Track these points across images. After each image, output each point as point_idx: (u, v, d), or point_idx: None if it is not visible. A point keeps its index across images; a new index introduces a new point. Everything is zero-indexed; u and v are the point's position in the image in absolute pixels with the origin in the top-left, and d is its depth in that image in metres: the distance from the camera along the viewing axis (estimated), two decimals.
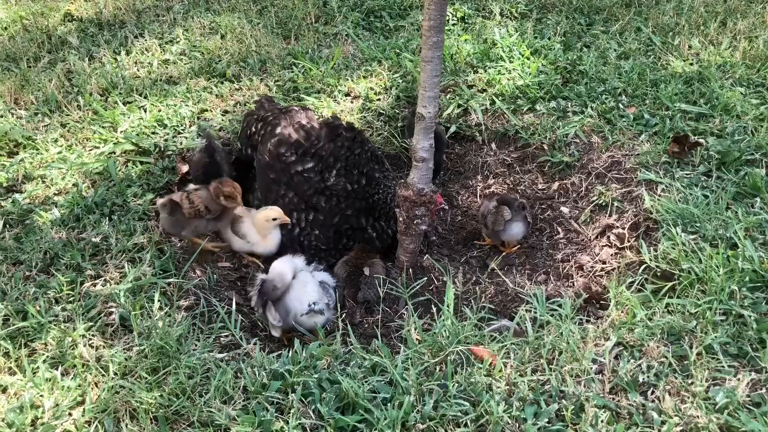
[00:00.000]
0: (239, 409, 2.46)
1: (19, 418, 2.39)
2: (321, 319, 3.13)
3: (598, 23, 5.60)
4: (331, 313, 3.18)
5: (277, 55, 5.22)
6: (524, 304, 3.11)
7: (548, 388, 2.51)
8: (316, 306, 3.09)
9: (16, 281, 3.09)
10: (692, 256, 3.04)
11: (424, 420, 2.37)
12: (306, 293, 3.13)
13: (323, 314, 3.11)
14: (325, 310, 3.11)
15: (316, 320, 3.12)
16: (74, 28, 5.82)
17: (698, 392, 2.40)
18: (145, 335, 2.79)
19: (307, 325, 3.11)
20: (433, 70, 3.24)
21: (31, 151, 4.12)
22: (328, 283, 3.28)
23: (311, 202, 3.67)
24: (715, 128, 3.99)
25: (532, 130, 4.35)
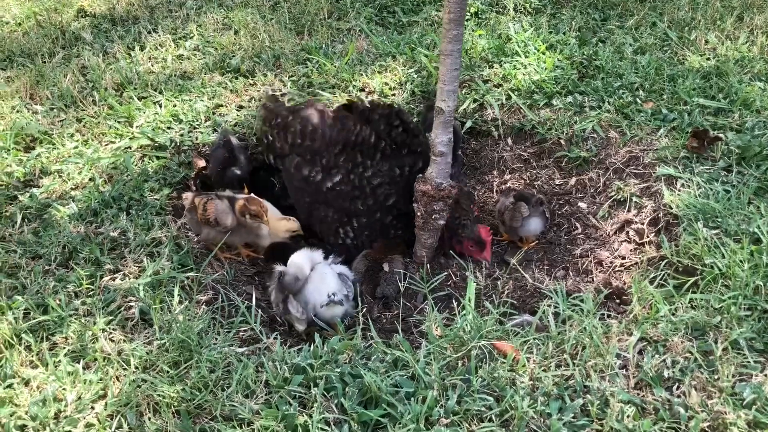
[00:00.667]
0: (261, 403, 2.45)
1: (42, 411, 2.39)
2: (340, 310, 3.12)
3: (612, 18, 5.56)
4: (351, 306, 3.17)
5: (291, 50, 5.21)
6: (544, 299, 3.09)
7: (572, 383, 2.49)
8: (335, 296, 3.08)
9: (35, 275, 3.09)
10: (715, 251, 3.01)
11: (448, 414, 2.36)
12: (325, 284, 3.13)
13: (342, 305, 3.11)
14: (344, 301, 3.10)
15: (335, 312, 3.11)
16: (87, 24, 5.83)
17: (725, 388, 2.38)
18: (165, 329, 2.79)
19: (326, 316, 3.11)
20: (453, 63, 3.22)
21: (47, 146, 4.12)
22: (346, 276, 3.28)
23: (351, 211, 3.66)
24: (734, 123, 3.95)
25: (549, 125, 4.33)
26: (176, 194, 3.88)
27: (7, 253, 3.22)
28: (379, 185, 3.64)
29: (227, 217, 3.46)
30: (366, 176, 3.63)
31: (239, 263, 3.60)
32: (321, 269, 3.22)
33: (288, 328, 3.23)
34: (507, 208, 3.69)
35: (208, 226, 3.47)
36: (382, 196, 3.65)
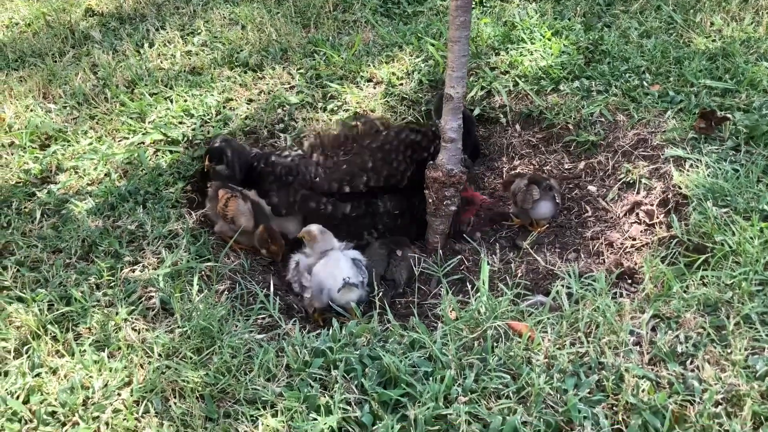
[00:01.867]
0: (283, 386, 2.51)
1: (71, 399, 2.46)
2: (356, 294, 3.18)
3: (617, 3, 5.56)
4: (365, 291, 3.23)
5: (298, 43, 5.25)
6: (556, 281, 3.13)
7: (587, 360, 2.53)
8: (350, 280, 3.14)
9: (57, 268, 3.16)
10: (725, 229, 3.04)
11: (466, 392, 2.41)
12: (339, 269, 3.18)
13: (358, 288, 3.16)
14: (359, 286, 3.16)
15: (350, 296, 3.17)
16: (96, 23, 5.89)
17: (738, 361, 2.42)
18: (186, 317, 2.85)
19: (342, 301, 3.16)
20: (461, 50, 3.26)
21: (62, 143, 4.18)
22: (360, 260, 3.33)
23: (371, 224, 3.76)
24: (741, 103, 3.97)
25: (557, 111, 4.36)
26: (190, 187, 3.94)
27: (29, 248, 3.29)
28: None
29: (244, 218, 3.52)
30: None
31: (255, 253, 3.66)
32: (334, 255, 3.28)
33: (305, 314, 3.29)
34: (520, 190, 3.73)
35: (223, 220, 3.52)
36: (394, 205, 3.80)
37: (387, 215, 3.72)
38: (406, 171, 3.74)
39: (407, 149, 3.75)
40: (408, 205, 3.79)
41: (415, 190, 3.72)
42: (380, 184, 3.71)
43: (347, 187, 3.67)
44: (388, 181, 3.72)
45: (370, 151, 3.75)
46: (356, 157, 3.77)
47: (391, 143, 3.76)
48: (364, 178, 3.68)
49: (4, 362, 2.67)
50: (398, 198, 3.76)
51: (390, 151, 3.74)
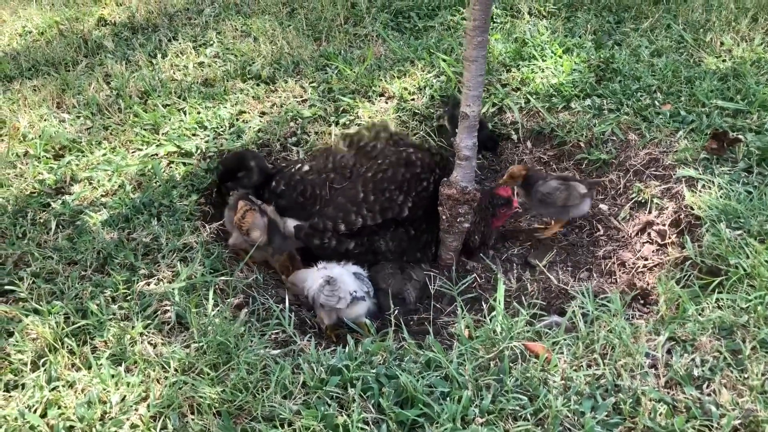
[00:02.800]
0: (300, 403, 2.51)
1: (88, 413, 2.46)
2: (363, 307, 3.19)
3: (627, 21, 5.60)
4: (372, 303, 3.24)
5: (310, 56, 5.28)
6: (569, 300, 3.15)
7: (603, 382, 2.54)
8: (357, 293, 3.16)
9: (72, 281, 3.17)
10: (739, 251, 3.06)
11: (483, 414, 2.41)
12: (344, 285, 3.19)
13: (365, 300, 3.18)
14: (366, 297, 3.18)
15: (359, 310, 3.18)
16: (108, 33, 5.91)
17: (755, 386, 2.43)
18: (202, 332, 2.85)
19: (351, 316, 3.17)
20: (478, 69, 3.27)
21: (76, 154, 4.20)
22: (361, 274, 3.34)
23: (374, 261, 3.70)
24: (753, 124, 4.00)
25: (568, 128, 4.38)
26: (204, 200, 3.95)
27: (45, 259, 3.30)
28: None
29: (258, 232, 3.51)
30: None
31: (268, 268, 3.67)
32: (336, 271, 3.28)
33: (318, 330, 3.29)
34: (558, 189, 3.72)
35: (239, 232, 3.54)
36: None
37: (389, 252, 3.68)
38: (404, 203, 3.63)
39: (404, 181, 3.64)
40: (409, 239, 3.71)
41: (419, 219, 3.70)
42: (377, 221, 3.60)
43: (342, 225, 3.59)
44: (384, 215, 3.61)
45: (364, 183, 3.66)
46: (350, 189, 3.69)
47: (385, 173, 3.67)
48: (359, 219, 3.58)
49: (20, 375, 2.68)
50: (399, 234, 3.69)
51: (384, 181, 3.65)
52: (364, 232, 3.60)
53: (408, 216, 3.62)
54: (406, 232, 3.69)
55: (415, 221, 3.68)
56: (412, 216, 3.64)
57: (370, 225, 3.58)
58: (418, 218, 3.67)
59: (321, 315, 3.19)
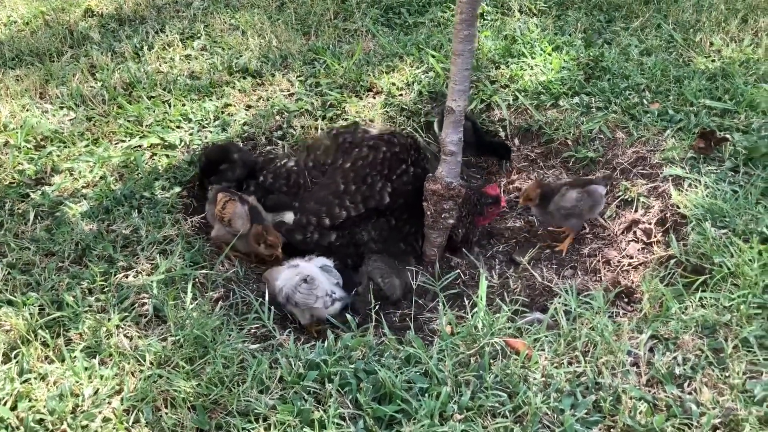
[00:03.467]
0: (277, 398, 2.47)
1: (59, 406, 2.41)
2: (338, 306, 3.16)
3: (617, 20, 5.58)
4: (343, 292, 3.21)
5: (298, 50, 5.23)
6: (553, 297, 3.12)
7: (584, 380, 2.52)
8: (335, 294, 3.14)
9: (49, 272, 3.11)
10: (724, 250, 3.04)
11: (462, 410, 2.38)
12: (321, 284, 3.15)
13: (341, 301, 3.16)
14: (337, 292, 3.16)
15: (333, 309, 3.15)
16: (95, 24, 5.84)
17: (736, 385, 2.41)
18: (179, 326, 2.81)
19: (324, 315, 3.14)
20: (464, 63, 3.25)
21: (58, 144, 4.14)
22: (328, 266, 3.31)
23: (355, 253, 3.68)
24: (740, 124, 3.99)
25: (556, 126, 4.36)
26: (186, 192, 3.90)
27: (21, 250, 3.24)
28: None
29: (240, 222, 3.47)
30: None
31: (249, 262, 3.62)
32: (311, 269, 3.21)
33: (299, 325, 3.25)
34: (581, 199, 3.61)
35: (221, 224, 3.49)
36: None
37: (372, 242, 3.64)
38: (383, 189, 3.60)
39: (384, 162, 3.64)
40: (390, 228, 3.69)
41: (400, 209, 3.67)
42: (360, 211, 3.57)
43: (327, 219, 3.56)
44: (367, 204, 3.58)
45: (343, 173, 3.65)
46: (331, 182, 3.67)
47: (365, 159, 3.66)
48: (343, 212, 3.56)
49: None
50: (381, 224, 3.66)
51: (364, 167, 3.63)
52: (346, 224, 3.56)
53: (389, 204, 3.60)
54: (388, 222, 3.66)
55: (396, 210, 3.65)
56: (393, 204, 3.62)
57: (354, 216, 3.54)
58: (400, 207, 3.65)
59: (294, 313, 3.14)
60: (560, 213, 3.64)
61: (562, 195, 3.63)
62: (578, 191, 3.62)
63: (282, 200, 3.74)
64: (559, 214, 3.65)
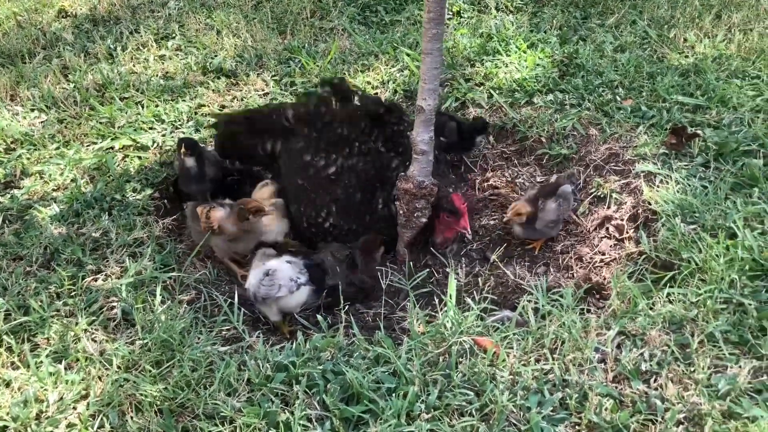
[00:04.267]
0: (244, 401, 2.46)
1: (23, 412, 2.39)
2: (304, 293, 3.15)
3: (593, 17, 5.60)
4: (307, 278, 3.19)
5: (273, 50, 5.21)
6: (525, 295, 3.12)
7: (551, 377, 2.52)
8: (299, 279, 3.12)
9: (16, 276, 3.08)
10: (692, 246, 3.05)
11: (429, 409, 2.38)
12: (283, 272, 3.13)
13: (306, 285, 3.15)
14: (302, 278, 3.14)
15: (299, 297, 3.14)
16: (69, 24, 5.79)
17: (701, 380, 2.42)
18: (147, 329, 2.79)
19: (292, 304, 3.13)
20: (433, 62, 3.24)
21: (28, 147, 4.10)
22: (293, 260, 3.25)
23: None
24: (712, 120, 4.01)
25: (530, 123, 4.37)
26: (158, 194, 3.88)
27: None
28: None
29: (230, 223, 3.41)
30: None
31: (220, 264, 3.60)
32: (273, 263, 3.19)
33: (273, 327, 3.24)
34: (560, 206, 3.64)
35: (214, 235, 3.42)
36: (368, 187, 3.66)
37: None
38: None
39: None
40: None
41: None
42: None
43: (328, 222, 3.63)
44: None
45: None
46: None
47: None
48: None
49: None
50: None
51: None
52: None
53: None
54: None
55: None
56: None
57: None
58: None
59: (264, 311, 3.13)
60: (544, 227, 3.65)
61: (543, 209, 3.61)
62: (554, 199, 3.62)
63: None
64: (542, 227, 3.65)
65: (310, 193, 3.64)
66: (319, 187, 3.63)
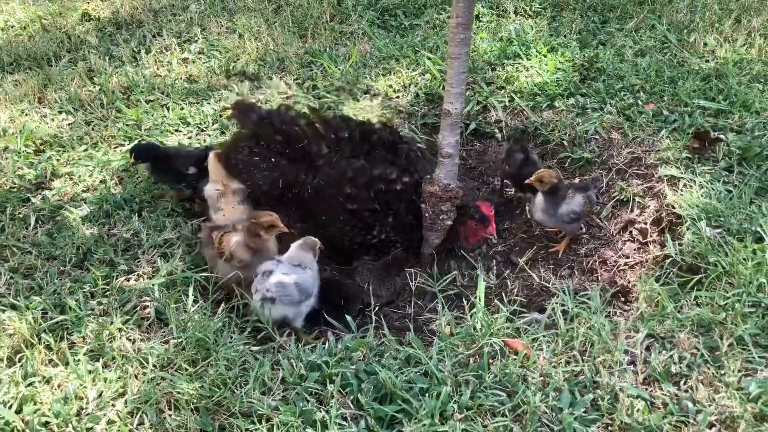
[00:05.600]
0: (279, 399, 2.50)
1: (64, 409, 2.44)
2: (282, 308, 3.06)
3: (612, 21, 5.62)
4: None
5: (295, 53, 5.26)
6: (551, 297, 3.15)
7: (582, 378, 2.55)
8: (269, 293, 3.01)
9: (51, 276, 3.14)
10: (718, 249, 3.07)
11: (462, 410, 2.41)
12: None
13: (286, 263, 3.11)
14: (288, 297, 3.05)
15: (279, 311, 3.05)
16: (92, 28, 5.86)
17: (731, 382, 2.45)
18: (181, 328, 2.83)
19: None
20: (460, 66, 3.28)
21: (57, 149, 4.17)
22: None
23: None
24: (734, 124, 4.03)
25: (552, 127, 4.40)
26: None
27: (23, 255, 3.27)
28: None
29: (241, 250, 3.23)
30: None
31: None
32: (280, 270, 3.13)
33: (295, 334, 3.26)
34: (584, 204, 3.58)
35: (226, 263, 3.23)
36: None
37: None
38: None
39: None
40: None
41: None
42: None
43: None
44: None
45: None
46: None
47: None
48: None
49: None
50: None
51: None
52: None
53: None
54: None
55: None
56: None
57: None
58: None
59: (275, 314, 3.03)
60: (565, 217, 3.58)
61: (571, 197, 3.57)
62: (583, 196, 3.59)
63: None
64: (563, 217, 3.58)
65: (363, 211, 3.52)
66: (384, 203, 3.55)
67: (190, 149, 3.94)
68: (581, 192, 3.60)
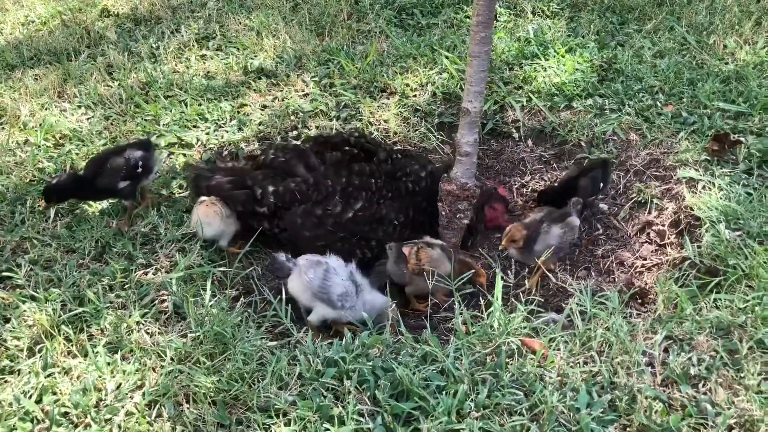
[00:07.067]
0: (296, 394, 2.51)
1: (83, 400, 2.46)
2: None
3: (630, 22, 5.59)
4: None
5: (312, 51, 5.27)
6: (568, 298, 3.14)
7: (600, 379, 2.54)
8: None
9: (70, 269, 3.17)
10: (738, 252, 3.05)
11: (479, 408, 2.41)
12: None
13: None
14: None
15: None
16: (111, 24, 5.90)
17: (751, 386, 2.43)
18: (199, 322, 2.85)
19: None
20: (480, 65, 3.28)
21: (76, 143, 4.20)
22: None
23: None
24: (754, 127, 4.00)
25: (570, 127, 4.38)
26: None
27: (43, 247, 3.30)
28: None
29: (440, 261, 3.32)
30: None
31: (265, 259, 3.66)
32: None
33: (328, 330, 3.28)
34: (564, 233, 3.51)
35: (418, 276, 3.33)
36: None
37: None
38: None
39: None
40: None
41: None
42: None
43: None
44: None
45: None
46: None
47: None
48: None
49: (17, 361, 2.68)
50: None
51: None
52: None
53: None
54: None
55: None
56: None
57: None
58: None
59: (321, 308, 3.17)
60: (544, 252, 3.43)
61: (546, 232, 3.48)
62: (560, 226, 3.50)
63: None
64: (541, 253, 3.43)
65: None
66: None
67: (115, 162, 3.58)
68: (557, 222, 3.50)
